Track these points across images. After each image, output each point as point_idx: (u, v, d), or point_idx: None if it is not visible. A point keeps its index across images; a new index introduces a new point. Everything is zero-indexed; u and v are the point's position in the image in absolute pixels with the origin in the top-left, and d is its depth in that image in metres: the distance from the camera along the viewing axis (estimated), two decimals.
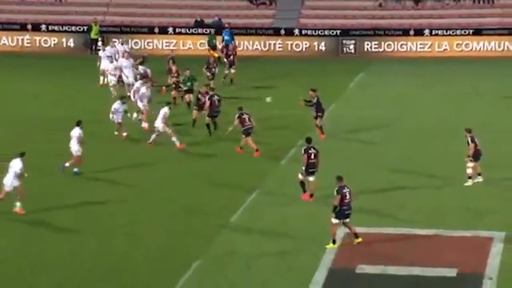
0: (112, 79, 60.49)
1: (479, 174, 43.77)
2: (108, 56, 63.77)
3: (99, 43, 73.50)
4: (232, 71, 65.28)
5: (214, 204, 41.76)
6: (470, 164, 43.24)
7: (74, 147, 45.18)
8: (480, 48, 76.28)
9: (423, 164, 47.27)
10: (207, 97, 51.81)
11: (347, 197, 36.87)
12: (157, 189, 43.99)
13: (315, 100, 50.45)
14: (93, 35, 76.89)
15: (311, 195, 41.25)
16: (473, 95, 60.71)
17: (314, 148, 41.53)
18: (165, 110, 49.83)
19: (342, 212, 36.93)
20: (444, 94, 61.53)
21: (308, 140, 42.12)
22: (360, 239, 37.12)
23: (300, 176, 41.19)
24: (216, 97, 52.07)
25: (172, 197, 42.67)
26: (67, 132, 45.68)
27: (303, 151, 41.43)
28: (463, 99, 59.96)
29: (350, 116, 55.98)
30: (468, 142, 43.18)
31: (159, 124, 49.68)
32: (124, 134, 50.91)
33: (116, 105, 50.41)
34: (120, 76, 60.70)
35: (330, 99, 57.11)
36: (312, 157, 41.21)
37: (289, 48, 78.17)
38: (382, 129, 53.59)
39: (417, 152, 49.52)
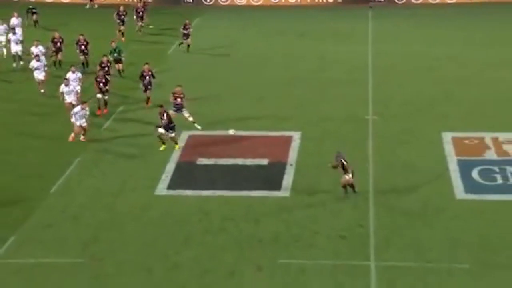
0: None
1: None
2: None
3: None
4: None
5: None
6: None
7: None
8: None
9: (242, 86, 47.03)
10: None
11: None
12: None
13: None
14: None
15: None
16: (276, 34, 58.87)
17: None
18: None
19: (166, 125, 36.84)
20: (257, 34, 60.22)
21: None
22: (178, 146, 37.44)
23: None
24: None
25: None
26: None
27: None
28: (272, 38, 57.82)
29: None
30: None
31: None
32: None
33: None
34: None
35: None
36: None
37: None
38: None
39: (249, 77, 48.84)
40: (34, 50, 47.23)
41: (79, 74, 42.45)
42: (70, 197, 33.27)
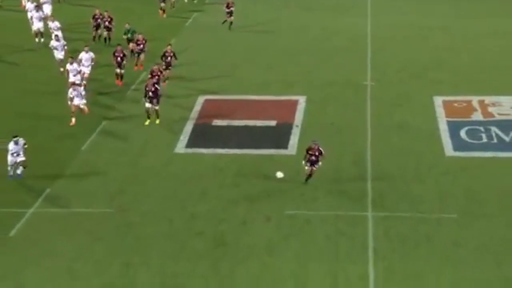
0: None
1: None
2: None
3: None
4: None
5: None
6: None
7: None
8: None
9: (253, 55, 46.73)
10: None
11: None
12: None
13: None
14: None
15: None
16: (283, 7, 57.72)
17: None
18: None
19: (147, 94, 35.84)
20: (266, 8, 59.60)
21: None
22: (158, 120, 36.08)
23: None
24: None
25: None
26: None
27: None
28: (279, 11, 57.03)
29: None
30: None
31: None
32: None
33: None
34: None
35: None
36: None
37: None
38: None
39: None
40: (52, 25, 46.15)
41: (92, 54, 40.48)
42: (98, 155, 33.53)
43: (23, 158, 30.73)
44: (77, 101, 36.00)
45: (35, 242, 27.04)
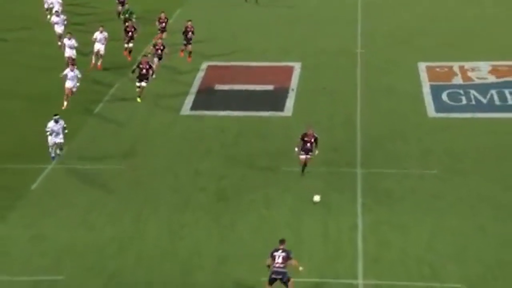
0: None
1: None
2: None
3: None
4: None
5: None
6: None
7: None
8: None
9: (252, 25, 46.46)
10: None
11: None
12: None
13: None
14: None
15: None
16: None
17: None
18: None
19: (136, 73, 34.14)
20: None
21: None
22: (140, 99, 34.24)
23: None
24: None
25: None
26: None
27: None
28: None
29: None
30: None
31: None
32: None
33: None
34: None
35: None
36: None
37: None
38: None
39: None
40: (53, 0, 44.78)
41: (106, 34, 38.20)
42: (110, 117, 33.55)
43: (62, 140, 29.32)
44: (70, 84, 33.47)
45: (54, 195, 27.29)
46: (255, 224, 25.35)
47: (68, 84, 33.54)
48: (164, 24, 41.38)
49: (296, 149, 27.63)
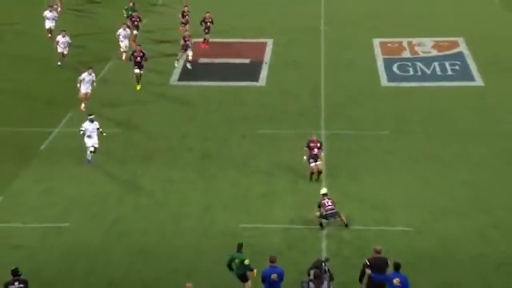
0: None
1: None
2: None
3: None
4: None
5: None
6: None
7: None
8: None
9: (228, 5, 45.78)
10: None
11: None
12: None
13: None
14: None
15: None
16: None
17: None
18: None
19: (135, 60, 32.24)
20: None
21: None
22: (139, 86, 32.38)
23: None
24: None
25: None
26: None
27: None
28: None
29: None
30: None
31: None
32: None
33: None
34: None
35: None
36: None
37: None
38: None
39: None
40: None
41: (128, 31, 35.97)
42: (106, 89, 33.08)
43: (97, 145, 26.04)
44: (85, 88, 30.21)
45: (61, 154, 27.24)
46: (234, 178, 25.56)
47: (84, 88, 30.15)
48: (187, 17, 39.84)
49: (305, 157, 25.09)
